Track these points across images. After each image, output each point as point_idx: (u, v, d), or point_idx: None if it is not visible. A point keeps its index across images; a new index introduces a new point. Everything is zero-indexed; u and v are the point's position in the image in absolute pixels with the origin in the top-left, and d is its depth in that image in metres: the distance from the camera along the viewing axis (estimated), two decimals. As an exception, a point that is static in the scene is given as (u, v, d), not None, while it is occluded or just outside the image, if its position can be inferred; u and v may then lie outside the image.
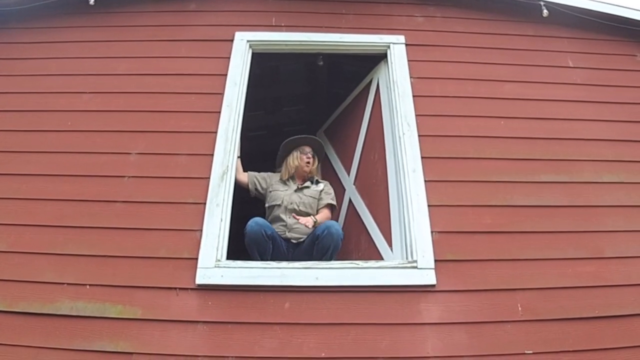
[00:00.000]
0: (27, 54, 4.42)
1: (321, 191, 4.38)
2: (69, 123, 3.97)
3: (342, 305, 3.16)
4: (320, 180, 4.49)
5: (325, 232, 3.82)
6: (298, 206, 4.18)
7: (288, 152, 4.48)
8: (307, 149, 4.45)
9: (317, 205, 4.32)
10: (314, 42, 4.57)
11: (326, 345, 3.02)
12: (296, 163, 4.37)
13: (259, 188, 4.28)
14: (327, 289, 3.22)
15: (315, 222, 4.13)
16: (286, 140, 4.51)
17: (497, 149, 3.90)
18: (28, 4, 4.55)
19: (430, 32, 4.62)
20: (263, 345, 3.01)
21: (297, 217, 4.15)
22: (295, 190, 4.25)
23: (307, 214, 4.20)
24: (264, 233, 3.80)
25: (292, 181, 4.34)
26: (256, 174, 4.32)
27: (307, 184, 4.33)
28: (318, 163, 4.60)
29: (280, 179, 4.37)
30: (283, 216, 4.13)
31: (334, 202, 4.39)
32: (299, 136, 4.54)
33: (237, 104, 4.06)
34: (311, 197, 4.26)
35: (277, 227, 4.06)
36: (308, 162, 4.39)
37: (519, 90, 4.25)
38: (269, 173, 4.42)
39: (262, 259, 3.76)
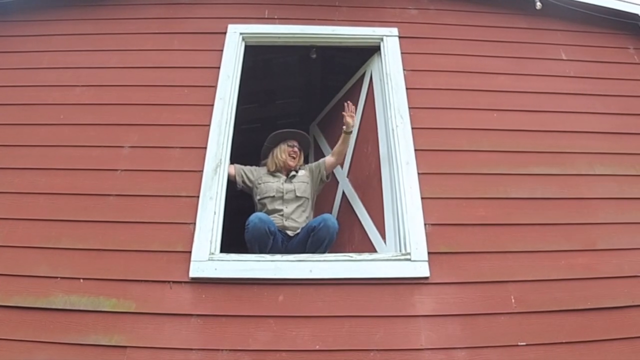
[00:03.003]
0: (20, 47, 4.40)
1: (309, 170, 4.40)
2: (61, 116, 3.95)
3: (336, 298, 3.17)
4: (301, 167, 4.48)
5: (322, 224, 3.81)
6: (296, 193, 4.17)
7: (275, 145, 4.46)
8: (295, 143, 4.44)
9: (314, 180, 4.33)
10: (307, 34, 4.57)
11: (320, 337, 3.02)
12: (283, 156, 4.35)
13: (246, 181, 4.25)
14: (321, 281, 3.23)
15: (350, 131, 4.22)
16: (274, 133, 4.49)
17: (490, 142, 3.90)
18: (20, -4, 4.53)
19: (423, 25, 4.62)
20: (257, 338, 3.01)
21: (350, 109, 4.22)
22: (286, 181, 4.24)
23: (307, 199, 4.19)
24: (267, 230, 3.76)
25: (280, 173, 4.33)
26: (243, 166, 4.30)
27: (293, 173, 4.32)
28: (303, 159, 4.58)
29: (268, 170, 4.35)
30: (280, 207, 4.12)
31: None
32: (287, 130, 4.52)
33: (230, 97, 4.05)
34: (303, 182, 4.25)
35: (274, 218, 4.03)
36: (294, 156, 4.37)
37: (512, 83, 4.26)
38: (255, 166, 4.41)
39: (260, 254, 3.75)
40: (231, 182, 4.06)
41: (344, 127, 4.17)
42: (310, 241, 3.83)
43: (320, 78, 6.13)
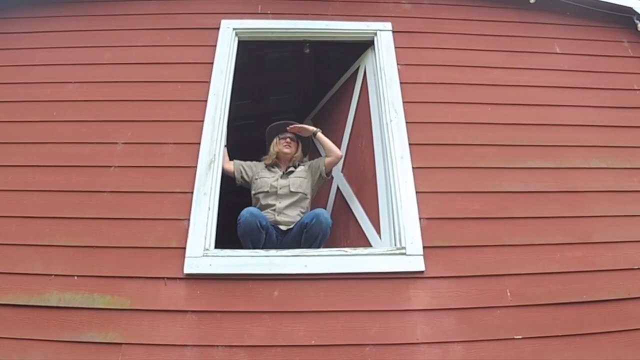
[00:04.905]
0: (12, 44, 4.38)
1: (308, 166, 4.38)
2: (54, 113, 3.93)
3: (331, 293, 3.16)
4: (301, 163, 4.48)
5: (314, 220, 3.81)
6: (290, 189, 4.16)
7: (271, 139, 4.48)
8: (287, 134, 4.43)
9: (313, 176, 4.30)
10: (301, 29, 4.55)
11: (316, 332, 3.02)
12: (277, 149, 4.37)
13: (245, 176, 4.25)
14: (316, 276, 3.22)
15: (316, 132, 4.38)
16: (269, 127, 4.51)
17: (484, 135, 3.90)
18: (12, -7, 4.51)
19: (417, 19, 4.61)
20: (252, 333, 3.01)
21: (294, 126, 4.42)
22: (282, 176, 4.23)
23: (303, 194, 4.18)
24: (258, 224, 3.77)
25: (277, 167, 4.32)
26: (242, 162, 4.30)
27: (291, 168, 4.31)
28: (302, 148, 4.56)
29: (266, 165, 4.36)
30: (273, 202, 4.11)
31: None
32: (281, 122, 4.52)
33: (223, 93, 4.04)
34: (300, 177, 4.23)
35: (267, 213, 4.03)
36: (287, 146, 4.38)
37: (507, 77, 4.26)
38: (255, 162, 4.40)
39: (254, 249, 3.74)
40: (228, 178, 4.07)
41: (309, 135, 4.46)
42: (304, 237, 3.83)
43: (314, 73, 6.13)
